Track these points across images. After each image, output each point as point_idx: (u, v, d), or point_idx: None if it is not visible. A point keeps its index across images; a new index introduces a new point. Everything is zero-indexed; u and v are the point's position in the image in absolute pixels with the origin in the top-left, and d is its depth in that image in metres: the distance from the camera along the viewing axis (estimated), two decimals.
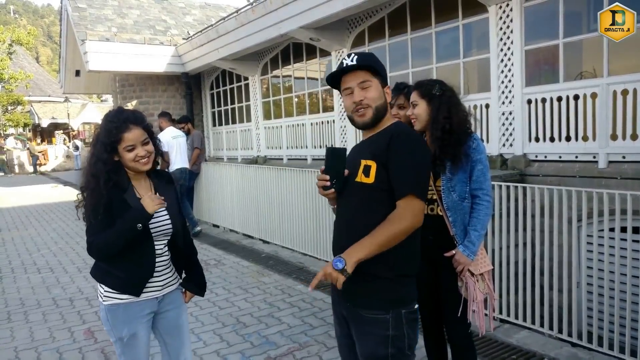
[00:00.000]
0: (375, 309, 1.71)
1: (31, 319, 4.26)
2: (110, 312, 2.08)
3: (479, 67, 5.54)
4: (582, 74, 4.68)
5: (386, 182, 1.70)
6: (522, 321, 3.66)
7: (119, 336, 2.08)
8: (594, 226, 3.23)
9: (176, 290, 2.26)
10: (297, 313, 4.16)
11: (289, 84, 8.78)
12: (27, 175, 23.01)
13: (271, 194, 6.49)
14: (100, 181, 1.96)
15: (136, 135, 2.01)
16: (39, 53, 75.30)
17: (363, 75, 1.76)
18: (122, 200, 2.00)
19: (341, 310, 1.85)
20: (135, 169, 2.05)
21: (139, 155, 2.01)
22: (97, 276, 2.14)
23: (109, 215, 1.97)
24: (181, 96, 10.89)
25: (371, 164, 1.71)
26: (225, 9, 13.14)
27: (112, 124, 2.00)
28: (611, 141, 4.23)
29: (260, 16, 7.32)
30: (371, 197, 1.71)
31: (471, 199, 2.35)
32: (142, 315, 2.11)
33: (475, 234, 2.31)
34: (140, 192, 2.07)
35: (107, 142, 1.98)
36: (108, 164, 1.99)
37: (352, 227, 1.75)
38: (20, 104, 26.92)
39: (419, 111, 2.39)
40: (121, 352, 2.12)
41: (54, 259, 6.46)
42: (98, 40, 9.35)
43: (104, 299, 2.10)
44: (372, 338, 1.72)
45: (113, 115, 2.05)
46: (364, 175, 1.72)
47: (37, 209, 11.32)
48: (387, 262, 1.69)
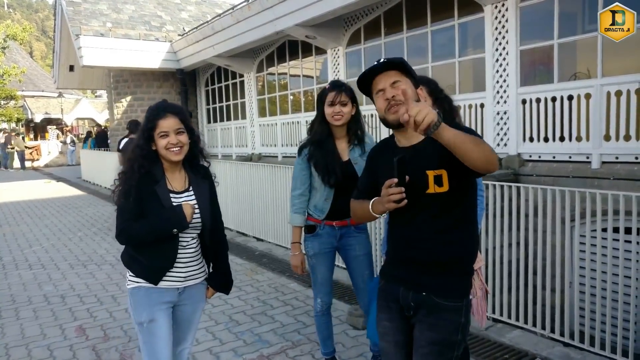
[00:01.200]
0: (452, 297, 1.78)
1: (22, 316, 4.23)
2: (132, 296, 2.14)
3: (474, 66, 5.55)
4: (576, 75, 4.70)
5: (460, 185, 1.72)
6: (515, 320, 3.67)
7: (139, 320, 2.12)
8: (587, 226, 3.25)
9: (200, 284, 2.26)
10: (290, 311, 4.15)
11: (285, 82, 8.76)
12: (17, 171, 22.83)
13: (265, 191, 6.48)
14: (134, 166, 2.04)
15: (170, 123, 2.05)
16: (33, 48, 74.73)
17: (394, 76, 1.75)
18: (152, 192, 2.05)
19: (409, 301, 1.83)
20: (168, 158, 2.08)
21: (171, 142, 2.04)
22: (125, 261, 2.19)
23: (139, 202, 2.03)
24: (176, 92, 10.86)
25: (441, 172, 1.69)
26: (221, 6, 13.09)
27: (151, 111, 2.11)
28: (604, 142, 4.25)
29: (256, 13, 7.29)
30: (449, 202, 1.73)
31: None
32: (161, 302, 2.13)
33: None
34: (173, 184, 2.12)
35: (145, 128, 2.08)
36: (144, 150, 2.06)
37: (425, 238, 1.76)
38: (13, 98, 26.71)
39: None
40: (142, 339, 2.14)
41: (46, 255, 6.41)
42: (92, 35, 9.29)
43: (128, 283, 2.16)
44: (447, 324, 1.78)
45: (154, 105, 2.16)
46: (436, 185, 1.70)
47: (29, 205, 11.24)
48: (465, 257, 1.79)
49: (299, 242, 2.86)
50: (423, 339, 1.82)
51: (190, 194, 2.15)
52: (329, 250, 2.83)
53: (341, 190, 2.67)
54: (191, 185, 2.17)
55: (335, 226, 2.78)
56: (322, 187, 2.73)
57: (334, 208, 2.73)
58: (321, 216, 2.76)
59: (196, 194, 2.16)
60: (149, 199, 2.04)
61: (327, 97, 2.64)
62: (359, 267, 2.85)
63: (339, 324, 3.76)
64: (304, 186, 2.79)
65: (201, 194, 2.17)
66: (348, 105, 2.65)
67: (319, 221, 2.78)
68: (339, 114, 2.63)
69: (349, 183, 2.62)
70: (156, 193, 2.05)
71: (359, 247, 2.83)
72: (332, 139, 2.72)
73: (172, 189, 2.10)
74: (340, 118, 2.64)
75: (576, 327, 3.34)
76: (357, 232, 2.84)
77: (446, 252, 1.75)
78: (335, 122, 2.65)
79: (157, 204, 2.05)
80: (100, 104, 31.72)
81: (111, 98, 10.96)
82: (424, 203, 1.73)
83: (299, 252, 2.84)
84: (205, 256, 2.27)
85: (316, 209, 2.78)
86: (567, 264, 3.43)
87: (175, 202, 2.08)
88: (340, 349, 3.34)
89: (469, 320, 1.81)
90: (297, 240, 2.85)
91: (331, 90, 2.65)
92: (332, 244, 2.83)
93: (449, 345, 1.79)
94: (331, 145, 2.70)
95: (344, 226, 2.79)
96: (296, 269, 2.85)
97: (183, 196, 2.12)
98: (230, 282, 2.36)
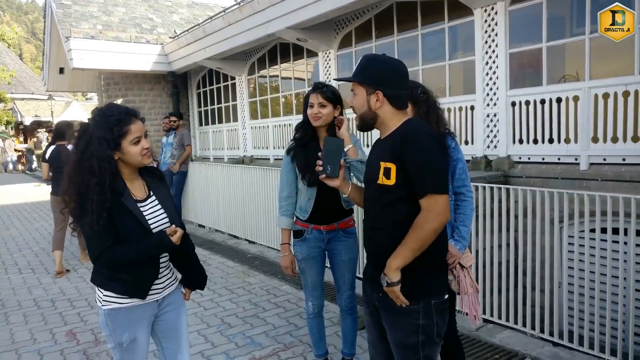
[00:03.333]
0: (407, 299, 1.79)
1: (12, 320, 4.20)
2: (110, 317, 1.99)
3: (464, 69, 5.59)
4: (564, 77, 4.75)
5: (407, 182, 1.76)
6: (505, 321, 3.71)
7: (119, 341, 2.00)
8: (575, 227, 3.29)
9: (175, 290, 2.20)
10: (282, 314, 4.15)
11: (276, 84, 8.76)
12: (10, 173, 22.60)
13: (257, 194, 6.48)
14: (105, 183, 1.84)
15: (139, 127, 1.93)
16: (23, 50, 74.01)
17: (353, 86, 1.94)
18: (119, 205, 1.90)
19: (373, 300, 1.93)
20: (141, 164, 1.98)
21: (145, 147, 1.94)
22: (99, 282, 2.01)
23: (111, 220, 1.87)
24: (167, 95, 10.81)
25: (391, 166, 1.78)
26: (213, 8, 13.07)
27: (112, 117, 1.88)
28: (592, 144, 4.30)
29: (247, 16, 7.29)
30: (394, 197, 1.79)
31: (454, 196, 2.44)
32: (143, 319, 2.05)
33: (465, 229, 2.42)
34: (135, 193, 1.99)
35: (110, 137, 1.86)
36: (112, 164, 1.88)
37: (378, 228, 1.87)
38: (3, 101, 26.45)
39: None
40: (120, 357, 2.04)
41: (36, 259, 6.36)
42: (83, 37, 9.22)
43: (103, 304, 2.00)
44: (403, 327, 1.82)
45: (109, 109, 1.93)
46: (385, 177, 1.78)
47: (18, 208, 11.14)
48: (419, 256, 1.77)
49: (288, 243, 2.88)
50: (390, 340, 1.91)
51: (154, 200, 2.06)
52: (317, 254, 2.86)
53: (323, 190, 2.71)
54: (151, 190, 2.07)
55: (323, 230, 2.81)
56: (304, 187, 2.76)
57: (317, 208, 2.76)
58: (305, 216, 2.79)
59: (159, 200, 2.07)
60: (118, 212, 1.89)
61: (309, 99, 2.69)
62: (342, 270, 2.90)
63: (331, 326, 3.77)
64: (290, 187, 2.82)
65: (163, 199, 2.08)
66: (328, 107, 2.67)
67: (306, 225, 2.80)
68: (317, 114, 2.67)
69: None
70: (124, 205, 1.91)
71: (345, 252, 2.86)
72: (317, 140, 2.76)
73: (135, 198, 1.98)
74: (318, 119, 2.67)
75: (565, 327, 3.37)
76: (346, 237, 2.86)
77: (393, 246, 1.77)
78: (314, 122, 2.69)
79: (128, 216, 1.92)
80: (91, 106, 31.43)
81: (102, 101, 10.88)
82: (377, 194, 1.86)
83: (288, 253, 2.86)
84: (174, 260, 2.21)
85: (301, 209, 2.81)
86: (557, 265, 3.47)
87: (143, 211, 1.98)
88: (333, 350, 3.35)
89: (433, 321, 1.80)
90: (286, 242, 2.88)
91: (312, 92, 2.70)
92: (320, 247, 2.85)
93: (409, 348, 1.82)
94: (315, 146, 2.73)
95: (331, 230, 2.82)
96: (286, 270, 2.87)
97: (147, 203, 2.03)
98: (205, 277, 2.29)
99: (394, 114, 1.88)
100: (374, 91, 1.85)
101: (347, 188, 2.08)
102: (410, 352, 1.83)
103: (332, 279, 3.00)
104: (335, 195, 2.75)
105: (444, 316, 1.86)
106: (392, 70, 1.88)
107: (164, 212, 2.05)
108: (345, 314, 2.97)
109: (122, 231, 1.91)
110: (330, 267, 2.97)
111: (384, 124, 1.89)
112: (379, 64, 1.89)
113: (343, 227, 2.84)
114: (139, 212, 1.96)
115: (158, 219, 2.03)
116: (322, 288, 2.95)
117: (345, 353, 3.07)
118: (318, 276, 2.90)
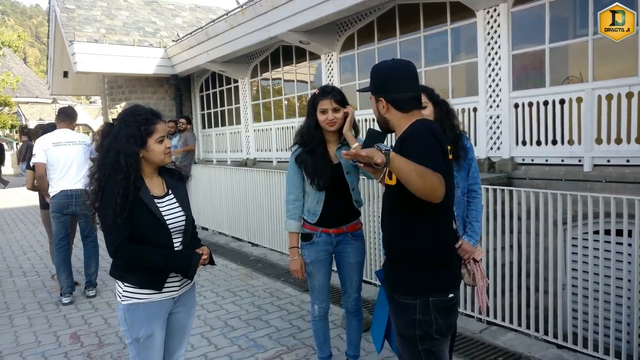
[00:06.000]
0: (405, 294, 1.89)
1: (16, 323, 4.21)
2: (128, 312, 2.06)
3: (467, 71, 5.59)
4: (568, 79, 4.75)
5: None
6: (509, 323, 3.69)
7: (136, 337, 2.07)
8: (579, 229, 3.28)
9: (190, 290, 2.27)
10: (285, 316, 4.15)
11: (279, 87, 8.78)
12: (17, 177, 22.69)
13: (260, 196, 6.48)
14: (130, 177, 1.96)
15: (163, 127, 2.08)
16: (27, 54, 74.48)
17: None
18: (136, 198, 1.99)
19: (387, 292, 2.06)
20: (163, 162, 2.10)
21: (167, 146, 2.07)
22: (117, 275, 2.09)
23: (129, 214, 1.96)
24: (170, 98, 10.84)
25: None
26: (215, 12, 13.11)
27: (140, 116, 2.02)
28: (596, 145, 4.29)
29: (250, 19, 7.31)
30: (397, 196, 1.85)
31: (467, 193, 2.63)
32: (160, 315, 2.12)
33: (477, 225, 2.61)
34: (153, 190, 2.10)
35: (138, 134, 1.99)
36: (138, 160, 2.01)
37: (386, 225, 1.99)
38: (7, 105, 26.62)
39: (428, 112, 2.53)
40: (136, 353, 2.11)
41: (40, 262, 6.39)
42: (86, 41, 9.27)
43: (122, 299, 2.08)
44: (401, 319, 1.93)
45: (137, 109, 2.07)
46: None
47: (23, 212, 11.18)
48: (417, 254, 1.86)
49: (297, 247, 2.88)
50: (394, 329, 2.04)
51: (172, 198, 2.16)
52: (325, 257, 2.86)
53: (332, 193, 2.74)
54: (170, 189, 2.18)
55: (332, 234, 2.81)
56: (313, 191, 2.76)
57: (326, 211, 2.77)
58: (314, 219, 2.79)
59: (177, 197, 2.17)
60: (135, 206, 1.99)
61: (319, 105, 2.68)
62: (349, 273, 2.91)
63: (335, 328, 3.77)
64: (297, 190, 2.82)
65: (181, 197, 2.19)
66: (340, 111, 2.68)
67: (315, 229, 2.81)
68: (332, 120, 2.68)
69: (339, 186, 2.74)
70: (141, 198, 2.01)
71: (354, 255, 2.87)
72: (324, 144, 2.76)
73: (153, 194, 2.09)
74: (334, 124, 2.69)
75: (569, 329, 3.36)
76: (354, 239, 2.87)
77: (398, 244, 1.91)
78: (329, 128, 2.70)
79: (144, 210, 2.02)
80: (94, 110, 31.66)
81: (105, 104, 10.92)
82: (386, 193, 1.98)
83: (297, 256, 2.86)
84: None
85: (309, 212, 2.81)
86: (560, 267, 3.45)
87: (160, 207, 2.08)
88: (336, 353, 3.34)
89: (431, 318, 1.85)
90: (295, 245, 2.88)
91: (322, 97, 2.69)
92: (329, 250, 2.86)
93: (407, 339, 1.92)
94: (323, 150, 2.74)
95: (340, 233, 2.82)
96: (296, 274, 2.87)
97: (165, 200, 2.12)
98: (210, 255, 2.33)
99: (401, 117, 1.91)
100: (379, 98, 1.95)
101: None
102: (410, 343, 1.91)
103: (337, 281, 3.00)
104: (344, 199, 2.77)
105: (446, 314, 1.88)
106: (389, 76, 1.93)
107: (181, 209, 2.15)
108: (351, 316, 2.97)
109: (137, 224, 2.00)
110: (336, 270, 2.97)
111: (395, 126, 1.96)
112: (378, 71, 1.98)
113: (351, 230, 2.85)
114: (154, 205, 2.05)
115: (174, 215, 2.12)
116: (329, 291, 2.95)
117: (349, 355, 3.06)
118: (325, 279, 2.90)
